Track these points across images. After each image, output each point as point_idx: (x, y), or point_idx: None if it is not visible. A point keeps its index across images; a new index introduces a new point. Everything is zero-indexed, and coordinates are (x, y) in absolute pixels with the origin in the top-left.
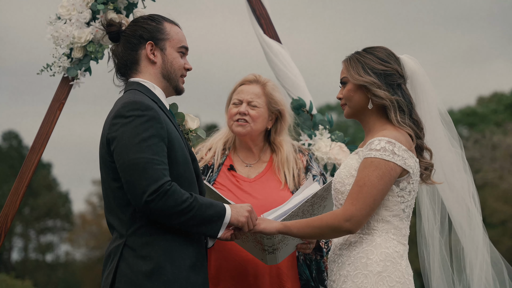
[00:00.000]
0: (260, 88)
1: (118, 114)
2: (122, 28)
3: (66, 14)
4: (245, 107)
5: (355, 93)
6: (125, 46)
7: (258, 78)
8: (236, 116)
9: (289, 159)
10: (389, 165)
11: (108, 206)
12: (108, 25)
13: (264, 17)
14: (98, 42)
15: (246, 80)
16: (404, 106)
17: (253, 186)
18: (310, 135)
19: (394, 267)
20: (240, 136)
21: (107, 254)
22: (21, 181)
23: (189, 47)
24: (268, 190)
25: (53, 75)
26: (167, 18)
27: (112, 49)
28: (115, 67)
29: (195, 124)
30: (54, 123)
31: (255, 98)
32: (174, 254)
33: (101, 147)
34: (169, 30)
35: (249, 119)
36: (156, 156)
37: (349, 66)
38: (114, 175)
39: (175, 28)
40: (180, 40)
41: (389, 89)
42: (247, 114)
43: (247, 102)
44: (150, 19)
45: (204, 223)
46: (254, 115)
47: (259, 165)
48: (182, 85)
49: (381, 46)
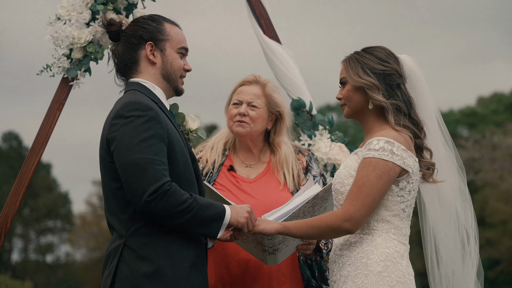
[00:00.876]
0: (260, 89)
1: (118, 114)
2: (122, 28)
3: (66, 15)
4: (245, 108)
5: (354, 94)
6: (125, 46)
7: (258, 78)
8: (236, 117)
9: (288, 160)
10: (388, 165)
11: (108, 206)
12: (109, 25)
13: (264, 18)
14: (97, 43)
15: (246, 81)
16: (403, 107)
17: (252, 186)
18: (310, 136)
19: (395, 267)
20: (240, 136)
21: (106, 254)
22: (21, 182)
23: (189, 47)
24: (267, 190)
25: (53, 75)
26: (168, 18)
27: (112, 49)
28: (115, 67)
29: (195, 125)
30: (54, 124)
31: (255, 99)
32: (174, 255)
33: (101, 148)
34: (169, 30)
35: (249, 120)
36: (156, 156)
37: (348, 66)
38: (114, 176)
39: (176, 29)
40: (180, 41)
41: (388, 90)
42: (247, 115)
43: (247, 102)
44: (151, 20)
45: (204, 223)
46: (254, 116)
47: (259, 166)
48: (181, 86)
49: (380, 46)
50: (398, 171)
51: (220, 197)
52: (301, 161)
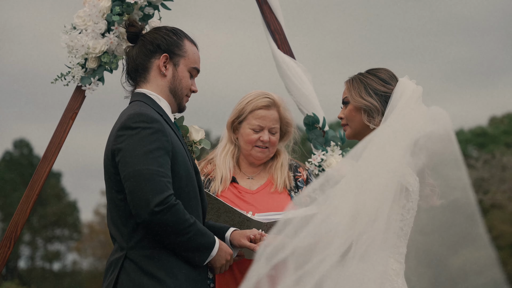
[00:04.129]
0: (277, 113)
1: (124, 126)
2: (142, 32)
3: (82, 25)
4: (267, 135)
5: (356, 113)
6: (140, 50)
7: (274, 100)
8: (257, 142)
9: (283, 164)
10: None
11: (110, 217)
12: (130, 25)
13: (279, 32)
14: (112, 53)
15: (264, 106)
16: None
17: (255, 197)
18: (322, 149)
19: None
20: (258, 160)
21: (107, 265)
22: (32, 190)
23: (203, 59)
24: (270, 201)
25: (67, 84)
26: (189, 36)
27: (126, 50)
28: (125, 69)
29: (199, 136)
30: (67, 133)
31: (275, 124)
32: (174, 268)
33: (105, 159)
34: (187, 48)
35: (269, 145)
36: (161, 168)
37: (351, 86)
38: (118, 187)
39: (193, 48)
40: (195, 61)
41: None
42: (269, 140)
43: (268, 129)
44: (173, 32)
45: (196, 249)
46: (274, 141)
47: (261, 177)
48: (185, 103)
49: (384, 68)
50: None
51: (225, 205)
52: (301, 174)
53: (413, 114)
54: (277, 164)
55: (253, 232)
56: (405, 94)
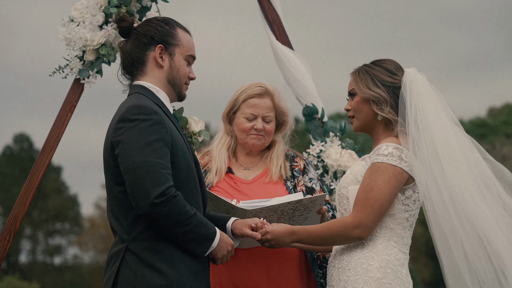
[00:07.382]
0: (270, 101)
1: (123, 118)
2: (134, 25)
3: (80, 17)
4: (261, 123)
5: (364, 105)
6: (135, 44)
7: (266, 89)
8: (251, 130)
9: (279, 154)
10: (396, 170)
11: (111, 210)
12: (120, 20)
13: (277, 23)
14: (110, 45)
15: (257, 94)
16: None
17: (250, 187)
18: (321, 140)
19: (395, 275)
20: (254, 148)
21: (108, 257)
22: (31, 183)
23: (201, 52)
24: (265, 191)
25: (65, 77)
26: (181, 24)
27: (120, 45)
28: (121, 64)
29: (199, 127)
30: (65, 125)
31: (269, 113)
32: (176, 260)
33: (105, 152)
34: (181, 36)
35: (264, 133)
36: (160, 160)
37: (358, 78)
38: (117, 180)
39: (187, 36)
40: (190, 48)
41: (397, 101)
42: (263, 129)
43: (262, 117)
44: (164, 22)
45: (197, 240)
46: (270, 130)
47: (257, 168)
48: (185, 92)
49: (389, 58)
50: (405, 177)
51: (224, 201)
52: (298, 164)
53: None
54: (272, 154)
55: (255, 221)
56: (418, 89)
